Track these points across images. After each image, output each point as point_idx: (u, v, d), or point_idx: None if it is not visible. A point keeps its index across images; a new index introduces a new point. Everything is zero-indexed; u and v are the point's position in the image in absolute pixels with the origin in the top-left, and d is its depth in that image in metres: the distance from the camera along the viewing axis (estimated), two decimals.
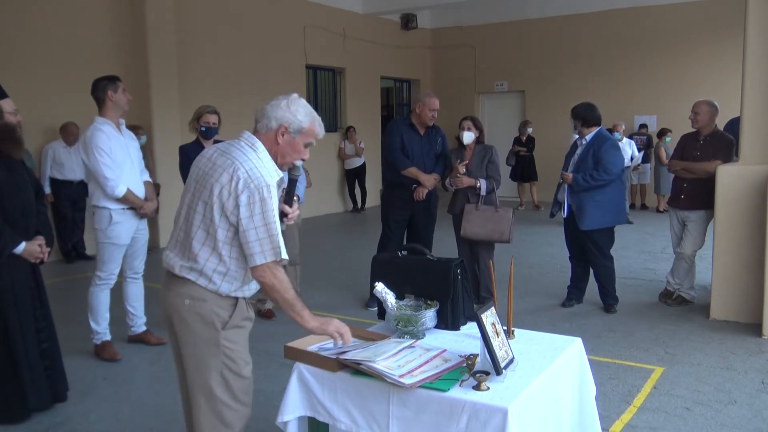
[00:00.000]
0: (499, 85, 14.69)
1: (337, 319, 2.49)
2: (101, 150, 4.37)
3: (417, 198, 5.70)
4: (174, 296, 2.43)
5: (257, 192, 2.28)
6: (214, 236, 2.35)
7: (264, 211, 2.29)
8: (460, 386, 2.16)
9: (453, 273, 2.68)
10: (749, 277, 5.18)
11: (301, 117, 2.41)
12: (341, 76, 13.28)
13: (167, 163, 8.89)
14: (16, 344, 3.55)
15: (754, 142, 5.25)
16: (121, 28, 9.02)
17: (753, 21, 5.19)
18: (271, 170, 2.38)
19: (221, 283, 2.39)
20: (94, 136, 4.42)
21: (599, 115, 5.53)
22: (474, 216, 5.45)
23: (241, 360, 2.48)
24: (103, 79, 4.57)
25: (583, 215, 5.39)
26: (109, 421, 3.69)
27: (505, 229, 5.36)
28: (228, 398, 2.45)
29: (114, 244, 4.54)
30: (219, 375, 2.42)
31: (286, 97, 2.44)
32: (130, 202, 4.51)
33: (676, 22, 12.50)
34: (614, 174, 5.36)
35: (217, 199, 2.32)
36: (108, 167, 4.38)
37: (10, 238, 3.50)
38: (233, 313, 2.44)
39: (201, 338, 2.41)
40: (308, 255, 7.95)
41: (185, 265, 2.41)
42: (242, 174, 2.30)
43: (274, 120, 2.40)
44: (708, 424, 3.53)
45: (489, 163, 5.55)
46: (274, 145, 2.42)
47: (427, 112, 5.72)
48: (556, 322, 5.32)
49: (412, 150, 5.72)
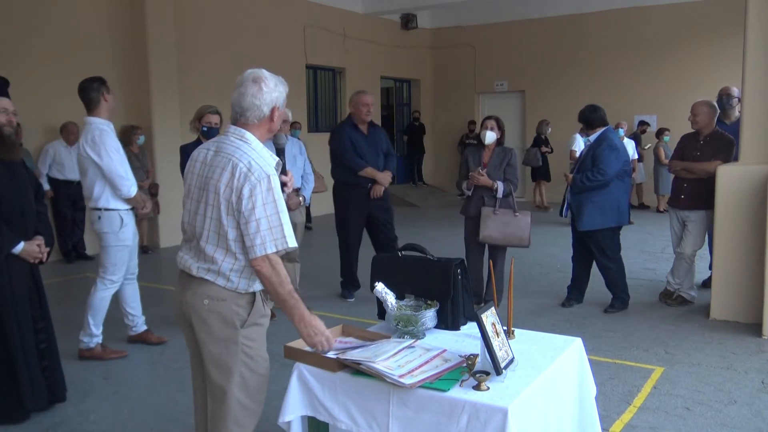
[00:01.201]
0: (499, 85, 14.70)
1: (326, 331, 2.41)
2: (113, 149, 4.32)
3: (375, 196, 5.87)
4: (192, 296, 2.41)
5: (259, 184, 2.27)
6: (225, 237, 2.34)
7: (271, 201, 2.28)
8: (460, 386, 2.16)
9: (453, 273, 2.68)
10: (749, 277, 5.18)
11: (282, 88, 2.42)
12: (341, 76, 13.29)
13: (167, 163, 8.90)
14: (14, 345, 3.55)
15: (754, 142, 5.25)
16: (122, 28, 9.03)
17: (753, 21, 5.19)
18: (268, 159, 2.38)
19: (239, 280, 2.39)
20: (105, 135, 4.32)
21: (601, 116, 5.51)
22: (492, 221, 5.39)
23: (260, 357, 2.48)
24: (95, 80, 4.43)
25: (581, 216, 5.41)
26: (109, 421, 3.69)
27: (525, 234, 5.36)
28: (244, 397, 2.44)
29: (126, 246, 4.52)
30: (238, 374, 2.42)
31: (255, 81, 2.36)
32: (137, 201, 4.49)
33: (676, 22, 12.50)
34: (608, 175, 5.31)
35: (223, 199, 2.31)
36: (123, 166, 4.35)
37: (8, 238, 3.49)
38: (251, 311, 2.44)
39: (221, 337, 2.40)
40: (308, 254, 7.95)
41: (203, 267, 2.39)
42: (242, 168, 2.29)
43: (265, 107, 2.38)
44: (708, 424, 3.53)
45: (508, 166, 5.49)
46: (264, 128, 2.43)
47: (360, 107, 5.83)
48: (556, 322, 5.32)
49: (362, 150, 5.85)
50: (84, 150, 4.34)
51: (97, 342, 4.64)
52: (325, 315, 5.64)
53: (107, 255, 4.51)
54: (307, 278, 6.64)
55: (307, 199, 5.69)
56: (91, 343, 4.62)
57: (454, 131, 15.05)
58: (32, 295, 3.70)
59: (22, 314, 3.61)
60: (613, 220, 5.44)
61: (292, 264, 5.77)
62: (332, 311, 5.77)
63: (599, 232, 5.43)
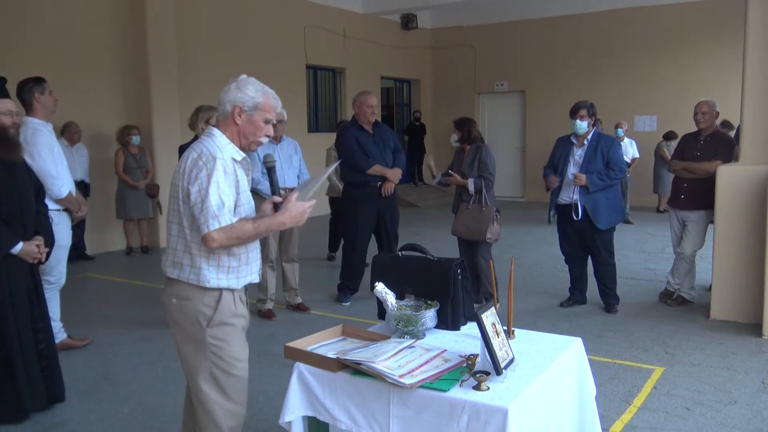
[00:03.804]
0: (499, 85, 14.70)
1: (292, 209, 2.40)
2: (46, 148, 4.29)
3: (386, 193, 5.87)
4: (165, 297, 2.50)
5: (205, 167, 2.32)
6: (182, 225, 2.39)
7: (214, 182, 2.30)
8: (460, 386, 2.16)
9: (453, 273, 2.68)
10: (749, 277, 5.18)
11: (252, 93, 2.42)
12: (341, 76, 13.29)
13: (167, 163, 8.89)
14: (12, 345, 3.55)
15: (754, 142, 5.25)
16: (122, 28, 9.03)
17: (753, 21, 5.19)
18: (226, 148, 2.41)
19: (199, 271, 2.39)
20: (38, 135, 4.30)
21: None
22: (463, 215, 5.57)
23: (231, 358, 2.47)
24: (29, 81, 4.42)
25: (600, 215, 5.39)
26: (109, 421, 3.69)
27: (484, 228, 5.41)
28: (219, 397, 2.45)
29: (58, 246, 4.35)
30: (208, 373, 2.44)
31: (235, 80, 2.46)
32: (70, 203, 4.45)
33: (676, 22, 12.50)
34: (624, 172, 5.50)
35: (180, 190, 2.38)
36: (56, 166, 4.32)
37: (7, 238, 3.50)
38: (218, 309, 2.42)
39: (189, 337, 2.45)
40: (308, 254, 7.95)
41: (169, 263, 2.45)
42: (194, 155, 2.37)
43: (228, 104, 2.42)
44: (708, 424, 3.53)
45: (479, 162, 5.59)
46: (233, 127, 2.45)
47: (365, 108, 5.83)
48: (556, 322, 5.32)
49: (369, 149, 5.83)
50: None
51: (63, 335, 4.68)
52: (325, 315, 5.65)
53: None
54: (307, 278, 6.64)
55: None
56: (58, 337, 4.54)
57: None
58: (31, 296, 3.70)
59: (21, 314, 3.60)
60: (619, 218, 5.61)
61: (291, 264, 5.78)
62: (332, 311, 5.78)
63: (608, 230, 5.49)
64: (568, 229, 5.59)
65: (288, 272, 5.78)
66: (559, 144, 5.73)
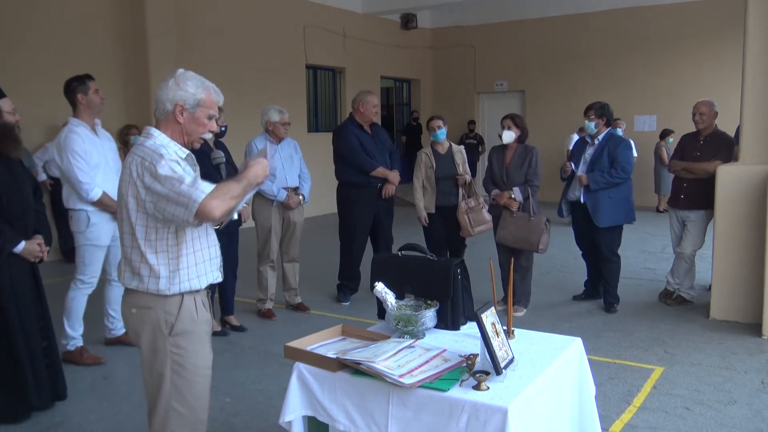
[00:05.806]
0: (499, 85, 14.70)
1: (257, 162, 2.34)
2: (75, 153, 4.31)
3: (387, 195, 5.88)
4: (124, 308, 2.44)
5: (157, 163, 2.22)
6: (135, 235, 2.31)
7: (168, 170, 2.21)
8: (460, 386, 2.16)
9: (453, 273, 2.68)
10: (749, 277, 5.18)
11: (193, 90, 2.34)
12: (341, 76, 13.28)
13: None
14: (18, 343, 3.55)
15: (754, 142, 5.25)
16: (122, 27, 9.03)
17: (753, 21, 5.19)
18: (168, 146, 2.33)
19: (158, 279, 2.32)
20: (69, 138, 4.34)
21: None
22: (508, 222, 5.36)
23: (192, 365, 2.40)
24: (73, 81, 4.44)
25: (600, 212, 5.41)
26: (109, 421, 3.69)
27: (535, 239, 5.23)
28: (177, 404, 2.40)
29: (94, 245, 4.45)
30: (169, 381, 2.38)
31: (173, 76, 2.35)
32: (105, 205, 4.41)
33: (676, 22, 12.50)
34: (629, 173, 5.47)
35: (130, 198, 2.28)
36: (82, 171, 4.32)
37: (10, 237, 3.50)
38: (179, 317, 2.36)
39: (149, 345, 2.39)
40: (308, 254, 7.95)
41: (127, 275, 2.38)
42: (137, 160, 2.27)
43: (168, 102, 2.33)
44: (708, 424, 3.53)
45: (528, 166, 5.36)
46: (174, 126, 2.36)
47: (370, 108, 5.82)
48: (556, 322, 5.32)
49: (370, 150, 5.81)
50: (54, 150, 4.52)
51: (76, 345, 4.55)
52: (325, 315, 5.65)
53: (78, 254, 4.53)
54: (307, 279, 6.64)
55: (307, 197, 5.66)
56: (69, 346, 4.52)
57: (454, 131, 15.01)
58: (33, 294, 3.71)
59: (25, 313, 3.61)
60: (625, 218, 5.58)
61: (292, 264, 5.78)
62: (332, 311, 5.78)
63: (612, 229, 5.49)
64: (578, 227, 5.71)
65: (288, 272, 5.78)
66: (578, 143, 6.00)
